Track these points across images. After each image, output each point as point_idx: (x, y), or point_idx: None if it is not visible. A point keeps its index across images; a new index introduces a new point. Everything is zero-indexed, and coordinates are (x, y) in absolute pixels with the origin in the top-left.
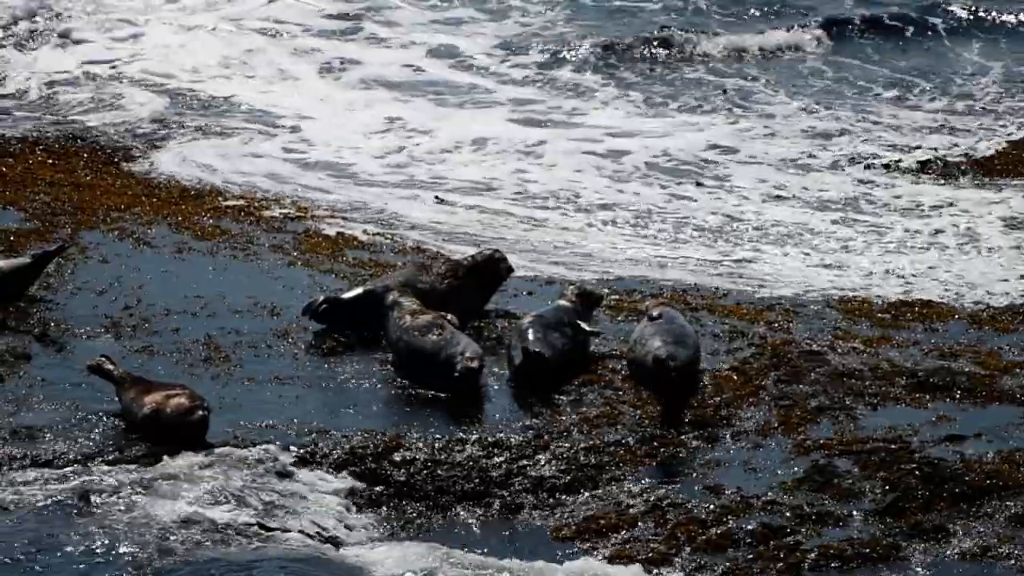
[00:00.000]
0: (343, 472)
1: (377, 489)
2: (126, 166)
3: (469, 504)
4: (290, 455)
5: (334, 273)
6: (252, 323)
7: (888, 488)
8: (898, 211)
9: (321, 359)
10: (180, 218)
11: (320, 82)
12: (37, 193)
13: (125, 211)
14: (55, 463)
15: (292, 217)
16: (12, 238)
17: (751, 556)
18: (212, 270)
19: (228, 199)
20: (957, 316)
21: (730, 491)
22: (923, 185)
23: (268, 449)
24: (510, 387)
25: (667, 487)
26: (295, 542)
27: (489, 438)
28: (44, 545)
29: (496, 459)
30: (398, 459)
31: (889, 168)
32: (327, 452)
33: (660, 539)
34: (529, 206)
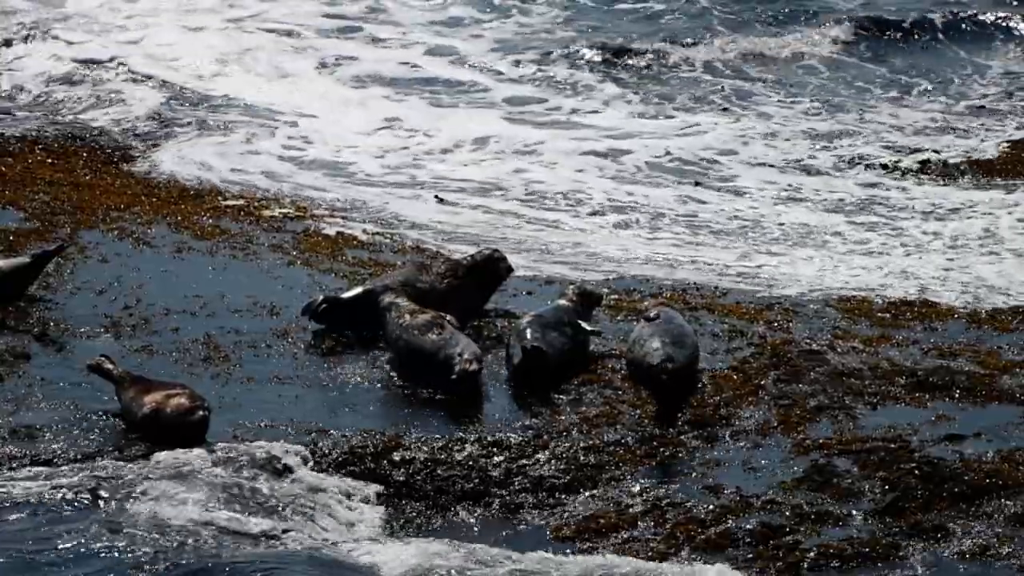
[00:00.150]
0: (342, 472)
1: (377, 489)
2: (125, 166)
3: (469, 504)
4: (289, 455)
5: (334, 272)
6: (252, 323)
7: (888, 487)
8: (912, 212)
9: (321, 359)
10: (179, 218)
11: (320, 81)
12: (36, 193)
13: (124, 211)
14: (54, 462)
15: (292, 216)
16: (12, 238)
17: (750, 556)
18: (212, 270)
19: (227, 199)
20: (956, 315)
21: (729, 490)
22: (938, 187)
23: (267, 449)
24: (509, 387)
25: (666, 487)
26: (294, 542)
27: (489, 438)
28: (42, 545)
29: (496, 459)
30: (397, 459)
31: (888, 168)
32: (327, 452)
33: (659, 539)
34: (533, 206)
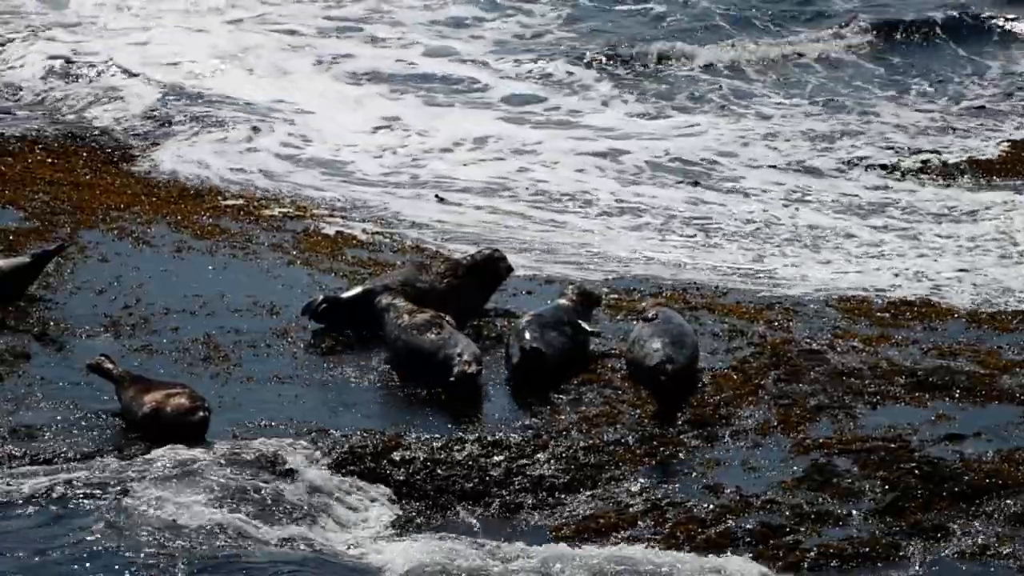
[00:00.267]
0: (342, 471)
1: (377, 488)
2: (125, 165)
3: (469, 503)
4: (289, 454)
5: (333, 272)
6: (251, 322)
7: (887, 487)
8: (923, 215)
9: (320, 358)
10: (179, 217)
11: (319, 80)
12: (36, 192)
13: (124, 210)
14: (55, 462)
15: (291, 216)
16: (12, 237)
17: (750, 555)
18: (211, 269)
19: (227, 198)
20: (956, 315)
21: (729, 490)
22: (951, 189)
23: (267, 448)
24: (509, 387)
25: (666, 486)
26: (293, 542)
27: (488, 437)
28: (41, 545)
29: (495, 458)
30: (397, 458)
31: (887, 168)
32: (326, 451)
33: (659, 538)
34: (535, 206)
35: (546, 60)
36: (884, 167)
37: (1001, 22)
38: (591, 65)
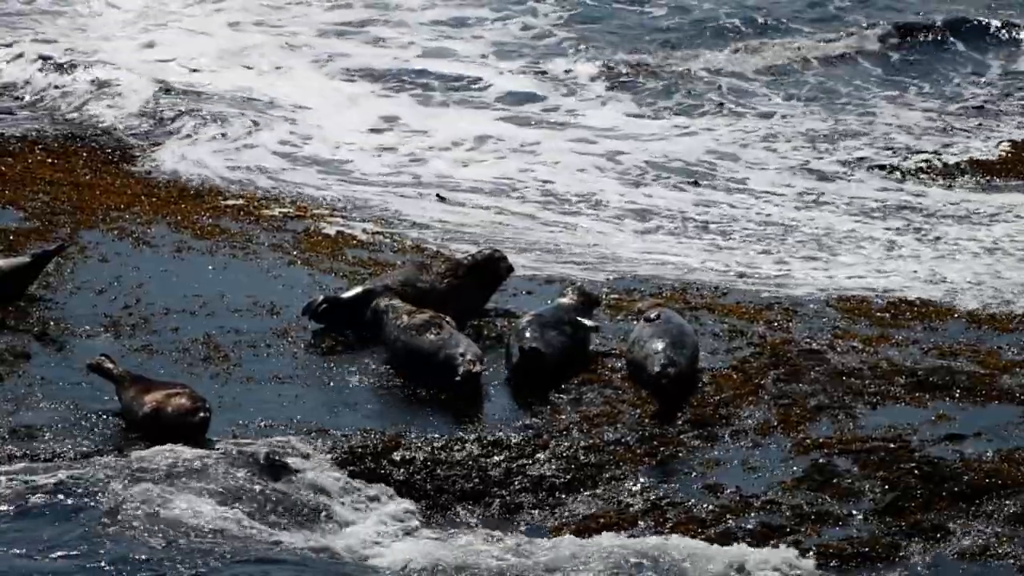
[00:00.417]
0: (343, 471)
1: (377, 488)
2: (125, 165)
3: (469, 503)
4: (289, 454)
5: (334, 272)
6: (251, 322)
7: (888, 487)
8: (941, 217)
9: (320, 358)
10: (179, 217)
11: (319, 80)
12: (36, 192)
13: (124, 210)
14: (55, 462)
15: (292, 216)
16: (12, 238)
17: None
18: (211, 269)
19: (227, 198)
20: (956, 315)
21: (729, 490)
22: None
23: (267, 448)
24: (509, 386)
25: (666, 486)
26: (293, 542)
27: (488, 437)
28: (41, 545)
29: (495, 458)
30: (397, 458)
31: (886, 169)
32: (326, 451)
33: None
34: (535, 206)
35: (547, 60)
36: (883, 167)
37: (1001, 22)
38: (591, 65)
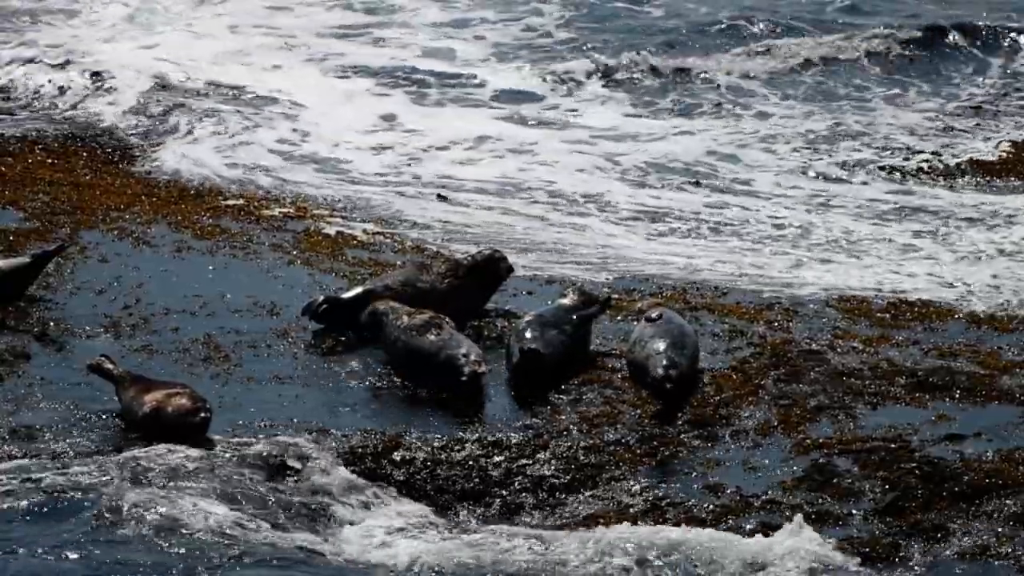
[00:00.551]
0: (343, 471)
1: (377, 488)
2: (125, 165)
3: (469, 503)
4: (289, 455)
5: (334, 272)
6: (252, 322)
7: (888, 487)
8: (949, 218)
9: (321, 358)
10: (179, 217)
11: (319, 79)
12: (36, 193)
13: (124, 210)
14: (54, 462)
15: (292, 216)
16: (12, 238)
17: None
18: (212, 269)
19: (228, 198)
20: (956, 316)
21: (730, 490)
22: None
23: (267, 448)
24: (509, 386)
25: (667, 486)
26: (293, 542)
27: (489, 437)
28: (41, 545)
29: (496, 458)
30: (397, 458)
31: (886, 170)
32: (327, 451)
33: None
34: (535, 206)
35: (546, 60)
36: (882, 168)
37: (1001, 23)
38: (592, 66)
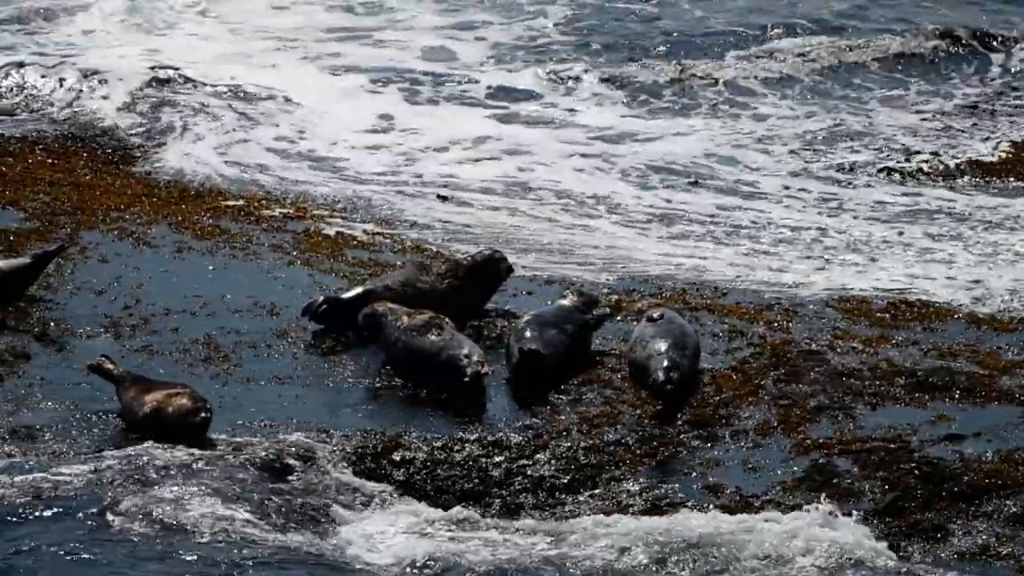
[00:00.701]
0: (343, 471)
1: (377, 488)
2: (125, 166)
3: (469, 504)
4: (289, 455)
5: (334, 273)
6: (252, 323)
7: (887, 487)
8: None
9: (320, 359)
10: (180, 218)
11: (319, 79)
12: (37, 193)
13: (125, 211)
14: (54, 462)
15: (292, 216)
16: (12, 238)
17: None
18: (212, 270)
19: (228, 199)
20: (956, 316)
21: (730, 490)
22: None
23: (267, 448)
24: (509, 387)
25: (666, 486)
26: (293, 542)
27: (489, 438)
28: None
29: (496, 459)
30: (397, 458)
31: (886, 171)
32: (327, 451)
33: None
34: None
35: (546, 61)
36: (880, 170)
37: (1000, 23)
38: (593, 67)
